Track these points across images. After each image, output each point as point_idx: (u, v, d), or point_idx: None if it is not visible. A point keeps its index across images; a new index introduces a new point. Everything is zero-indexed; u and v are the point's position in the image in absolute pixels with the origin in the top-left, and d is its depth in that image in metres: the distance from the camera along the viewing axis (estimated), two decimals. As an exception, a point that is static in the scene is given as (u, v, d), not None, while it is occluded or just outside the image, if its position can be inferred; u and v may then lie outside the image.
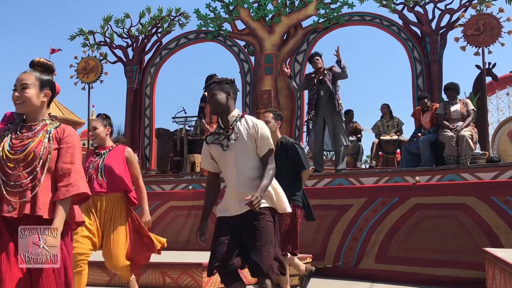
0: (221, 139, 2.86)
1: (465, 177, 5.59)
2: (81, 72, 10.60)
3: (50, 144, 2.22)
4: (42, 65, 2.33)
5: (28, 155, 2.18)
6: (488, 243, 4.78)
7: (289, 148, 4.20)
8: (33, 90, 2.25)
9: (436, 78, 8.53)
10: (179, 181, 7.08)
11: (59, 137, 2.27)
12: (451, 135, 6.29)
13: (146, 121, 10.59)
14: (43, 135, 2.24)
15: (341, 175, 6.23)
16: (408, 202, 5.32)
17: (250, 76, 9.94)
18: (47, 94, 2.30)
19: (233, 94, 2.97)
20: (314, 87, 6.65)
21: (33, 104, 2.26)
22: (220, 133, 2.89)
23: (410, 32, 9.05)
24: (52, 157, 2.21)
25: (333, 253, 5.51)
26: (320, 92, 6.60)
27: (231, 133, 2.84)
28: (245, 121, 2.89)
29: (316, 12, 9.53)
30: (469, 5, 8.41)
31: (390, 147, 8.89)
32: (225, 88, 2.93)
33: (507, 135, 8.64)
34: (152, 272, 4.92)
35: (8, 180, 2.15)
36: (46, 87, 2.30)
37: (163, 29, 10.64)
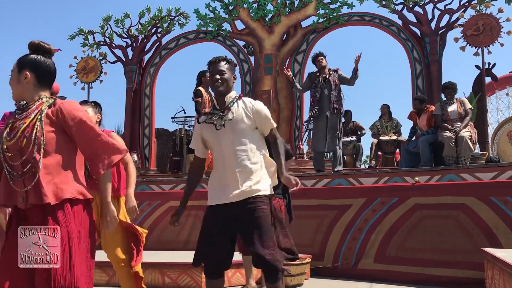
0: (215, 118, 2.69)
1: (465, 177, 5.59)
2: (80, 72, 10.62)
3: (42, 125, 2.09)
4: (30, 46, 2.27)
5: (20, 140, 2.09)
6: (487, 243, 4.78)
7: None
8: (14, 75, 2.22)
9: (435, 78, 8.54)
10: (178, 181, 7.08)
11: (57, 117, 2.14)
12: (450, 136, 6.29)
13: (145, 121, 10.60)
14: (36, 116, 2.12)
15: (340, 175, 6.24)
16: (407, 202, 5.32)
17: (249, 76, 9.95)
18: (26, 75, 2.20)
19: (235, 78, 2.85)
20: (318, 85, 6.68)
21: (15, 88, 2.22)
22: (214, 113, 2.72)
23: (410, 32, 9.07)
24: (48, 139, 2.09)
25: (332, 253, 5.51)
26: (324, 90, 6.64)
27: (227, 113, 2.68)
28: (242, 102, 2.75)
29: (316, 12, 9.54)
30: (469, 5, 8.44)
31: (389, 147, 8.90)
32: (233, 69, 2.81)
33: (506, 135, 8.63)
34: (152, 272, 4.92)
35: (12, 170, 2.08)
36: (25, 68, 2.21)
37: (162, 29, 10.65)
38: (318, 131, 6.73)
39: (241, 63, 10.12)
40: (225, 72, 2.72)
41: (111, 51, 10.87)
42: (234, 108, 2.71)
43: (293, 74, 9.67)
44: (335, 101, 6.60)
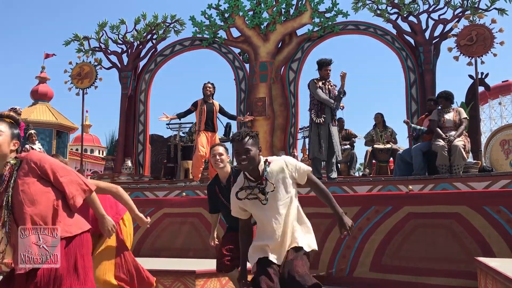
0: (255, 192, 2.68)
1: (458, 186, 5.62)
2: (75, 78, 10.60)
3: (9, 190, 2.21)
4: (11, 117, 2.38)
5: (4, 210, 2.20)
6: (480, 252, 4.80)
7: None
8: (5, 138, 2.28)
9: (429, 87, 8.60)
10: (172, 188, 7.05)
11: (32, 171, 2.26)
12: (443, 145, 6.32)
13: (140, 127, 10.58)
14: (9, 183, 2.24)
15: (334, 183, 6.25)
16: (401, 210, 5.33)
17: (244, 83, 9.98)
18: (15, 144, 2.33)
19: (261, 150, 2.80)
20: (325, 93, 6.70)
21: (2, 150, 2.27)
22: (252, 186, 2.69)
23: (404, 41, 9.14)
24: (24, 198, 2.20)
25: (327, 261, 5.51)
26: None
27: (266, 185, 2.67)
28: (272, 167, 2.72)
29: (311, 20, 9.60)
30: (462, 15, 8.53)
31: (383, 156, 8.93)
32: (258, 142, 2.75)
33: (499, 144, 8.70)
34: (145, 280, 4.88)
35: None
36: (15, 138, 2.34)
37: (158, 36, 10.67)
38: (322, 138, 6.68)
39: (236, 70, 10.15)
40: (250, 150, 2.66)
41: (106, 57, 10.86)
42: (269, 177, 2.70)
43: (287, 82, 9.74)
44: (334, 111, 6.71)
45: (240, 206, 2.78)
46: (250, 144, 2.67)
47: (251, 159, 2.65)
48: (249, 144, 2.66)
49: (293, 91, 9.75)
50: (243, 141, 2.66)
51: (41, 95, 16.33)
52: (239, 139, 2.68)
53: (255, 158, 2.68)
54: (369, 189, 5.99)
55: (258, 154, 2.72)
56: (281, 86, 9.73)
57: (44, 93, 16.49)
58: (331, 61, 6.81)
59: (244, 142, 2.66)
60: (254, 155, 2.66)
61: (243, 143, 2.66)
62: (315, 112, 6.69)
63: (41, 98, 16.34)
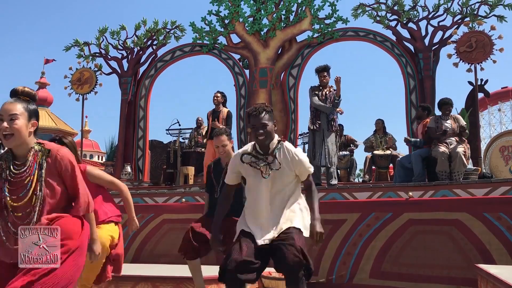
0: (260, 164, 2.72)
1: (458, 193, 5.61)
2: (75, 83, 10.60)
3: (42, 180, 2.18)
4: (27, 94, 2.25)
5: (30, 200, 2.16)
6: (480, 259, 4.80)
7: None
8: (22, 120, 2.16)
9: (429, 93, 8.62)
10: (172, 194, 7.04)
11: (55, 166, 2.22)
12: (443, 151, 6.32)
13: (140, 133, 10.57)
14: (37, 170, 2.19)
15: (334, 190, 6.24)
16: (401, 217, 5.33)
17: (244, 89, 9.98)
18: (34, 124, 2.22)
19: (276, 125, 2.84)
20: (320, 99, 6.73)
21: (22, 136, 2.16)
22: (259, 157, 2.74)
23: (404, 48, 9.16)
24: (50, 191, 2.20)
25: (327, 268, 5.50)
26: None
27: (273, 161, 2.71)
28: (285, 150, 2.75)
29: (311, 27, 9.62)
30: (462, 22, 8.56)
31: (383, 162, 8.93)
32: (273, 116, 2.79)
33: (499, 150, 8.69)
34: (144, 286, 4.87)
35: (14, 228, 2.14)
36: (33, 117, 2.22)
37: (158, 42, 10.69)
38: (316, 145, 6.73)
39: (236, 76, 10.16)
40: (267, 124, 2.71)
41: (107, 62, 10.87)
42: (278, 156, 2.73)
43: (287, 88, 9.75)
44: (332, 118, 6.73)
45: (237, 171, 2.83)
46: (267, 119, 2.72)
47: (268, 133, 2.71)
48: (265, 119, 2.71)
49: (293, 97, 9.76)
50: (260, 116, 2.71)
51: (41, 100, 16.37)
52: (256, 114, 2.73)
53: (272, 132, 2.74)
54: (369, 196, 5.99)
55: (274, 130, 2.77)
56: (281, 92, 9.73)
57: (44, 98, 16.53)
58: (326, 67, 6.87)
59: (261, 117, 2.71)
60: (270, 130, 2.72)
61: (260, 118, 2.71)
62: (311, 119, 6.79)
63: (41, 104, 16.38)
